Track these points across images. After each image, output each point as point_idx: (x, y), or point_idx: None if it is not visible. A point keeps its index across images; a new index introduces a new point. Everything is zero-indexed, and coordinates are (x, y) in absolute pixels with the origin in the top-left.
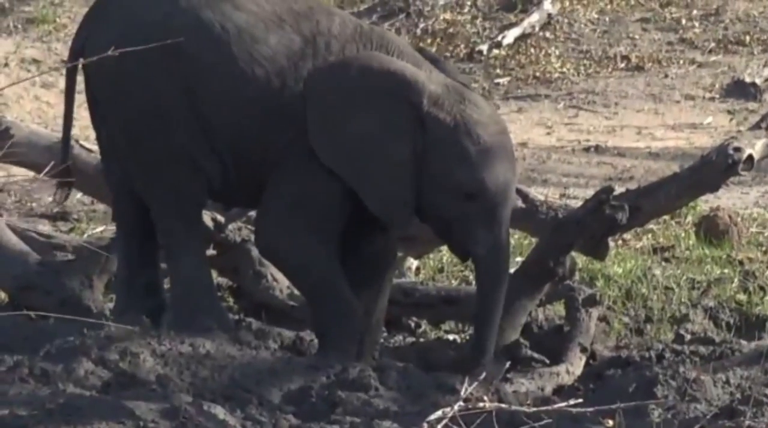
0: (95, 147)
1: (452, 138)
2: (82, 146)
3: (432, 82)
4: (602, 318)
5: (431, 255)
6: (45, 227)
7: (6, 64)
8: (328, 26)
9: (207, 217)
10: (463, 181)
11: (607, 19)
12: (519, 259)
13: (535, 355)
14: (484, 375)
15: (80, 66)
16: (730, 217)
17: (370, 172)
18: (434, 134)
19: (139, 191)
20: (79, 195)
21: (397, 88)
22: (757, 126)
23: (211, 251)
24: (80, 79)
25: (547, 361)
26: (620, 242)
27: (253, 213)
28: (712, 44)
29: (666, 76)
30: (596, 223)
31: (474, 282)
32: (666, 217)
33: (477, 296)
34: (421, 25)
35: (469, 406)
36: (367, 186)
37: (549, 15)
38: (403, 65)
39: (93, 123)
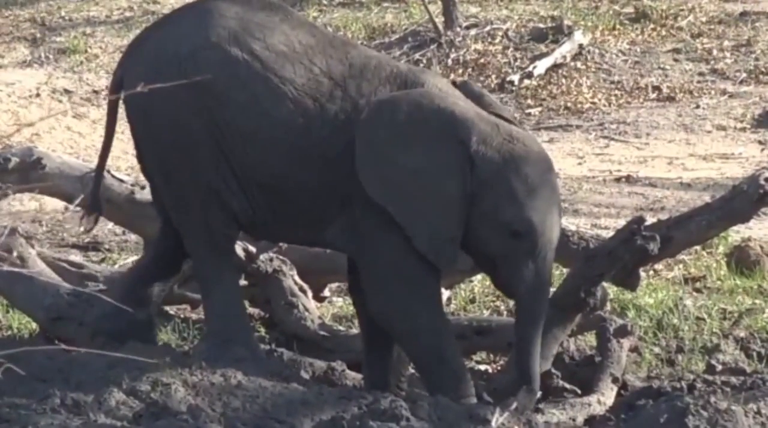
0: (127, 178)
1: (501, 177)
2: (113, 177)
3: (481, 121)
4: (633, 349)
5: (462, 286)
6: (76, 257)
7: (38, 94)
8: (361, 69)
9: (239, 248)
10: (511, 219)
11: (638, 49)
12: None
13: (567, 385)
14: (515, 405)
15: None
16: (761, 247)
17: (420, 208)
18: (483, 172)
19: (174, 223)
20: (110, 225)
21: (446, 126)
22: None
23: (242, 282)
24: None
25: (579, 391)
26: (651, 272)
27: (284, 244)
28: (744, 75)
29: (697, 106)
30: (628, 253)
31: (506, 314)
32: (697, 247)
33: (516, 332)
34: (453, 56)
35: None
36: (416, 223)
37: (580, 45)
38: (452, 103)
39: (137, 155)
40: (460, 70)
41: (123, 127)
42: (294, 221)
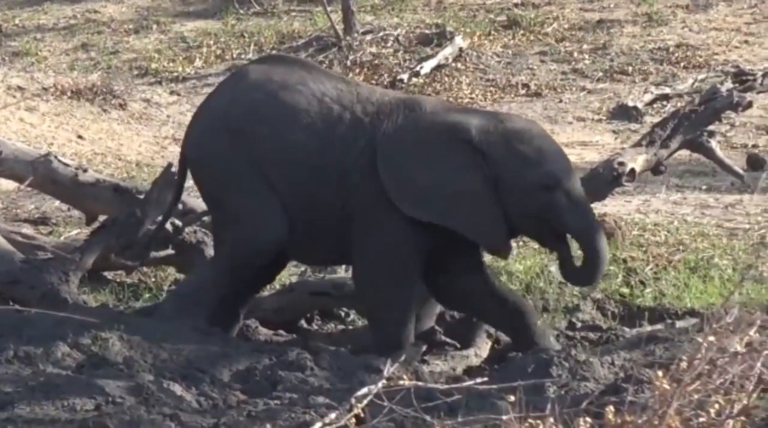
0: (71, 162)
1: (510, 151)
2: (60, 161)
3: (472, 117)
4: None
5: None
6: (28, 230)
7: None
8: (367, 96)
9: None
10: (537, 178)
11: (510, 52)
12: None
13: (448, 340)
14: (404, 357)
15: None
16: (615, 222)
17: (458, 210)
18: (494, 155)
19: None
20: (57, 203)
21: (448, 135)
22: (638, 144)
23: (169, 251)
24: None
25: (458, 345)
26: (521, 243)
27: (207, 218)
28: (600, 74)
29: (560, 101)
30: None
31: None
32: None
33: (588, 252)
34: (351, 58)
35: (391, 384)
36: (462, 223)
37: (460, 49)
38: (446, 115)
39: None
40: (357, 70)
41: (67, 119)
42: (323, 241)
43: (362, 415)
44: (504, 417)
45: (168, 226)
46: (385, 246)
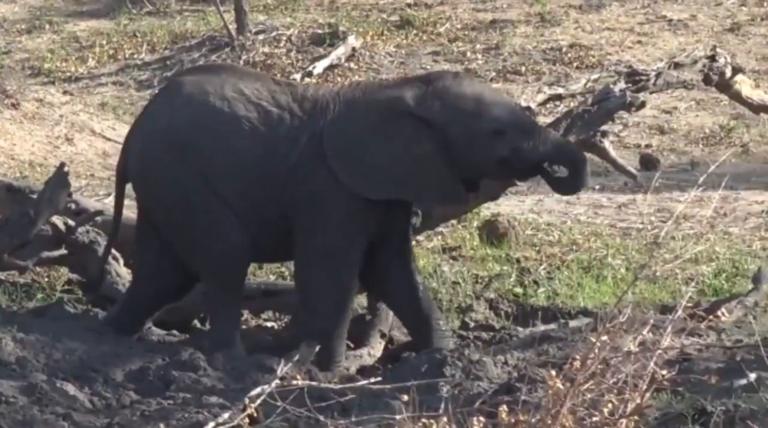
0: None
1: (450, 110)
2: None
3: (404, 90)
4: None
5: None
6: None
7: None
8: (302, 93)
9: (59, 221)
10: (485, 127)
11: (403, 52)
12: None
13: None
14: (297, 357)
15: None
16: (508, 221)
17: (419, 182)
18: (437, 119)
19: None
20: None
21: (390, 111)
22: None
23: (62, 251)
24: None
25: (352, 345)
26: (414, 242)
27: (100, 218)
28: (493, 74)
29: None
30: None
31: (289, 279)
32: (454, 221)
33: (570, 167)
34: (244, 58)
35: (285, 384)
36: (424, 194)
37: (353, 48)
38: (380, 93)
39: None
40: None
41: None
42: (277, 239)
43: (256, 415)
44: (397, 417)
45: (60, 225)
46: (329, 237)
